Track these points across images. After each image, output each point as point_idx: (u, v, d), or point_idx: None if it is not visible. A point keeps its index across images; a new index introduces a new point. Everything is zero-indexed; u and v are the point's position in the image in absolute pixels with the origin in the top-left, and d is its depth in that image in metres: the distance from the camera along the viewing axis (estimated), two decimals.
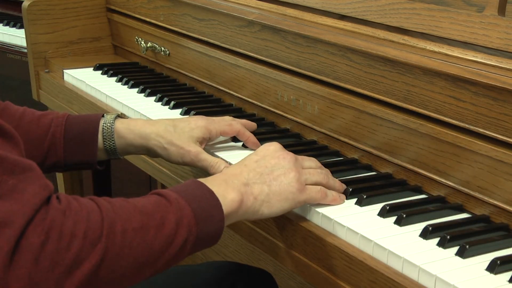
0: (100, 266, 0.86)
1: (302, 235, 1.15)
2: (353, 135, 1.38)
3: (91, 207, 0.89)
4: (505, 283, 0.97)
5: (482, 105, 1.13)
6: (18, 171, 0.85)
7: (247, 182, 1.09)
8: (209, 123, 1.35)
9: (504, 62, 1.12)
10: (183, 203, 0.97)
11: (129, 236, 0.89)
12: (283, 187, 1.11)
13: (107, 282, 0.88)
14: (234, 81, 1.68)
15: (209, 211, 1.00)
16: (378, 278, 1.02)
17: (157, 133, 1.31)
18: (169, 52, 1.91)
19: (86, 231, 0.86)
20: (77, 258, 0.84)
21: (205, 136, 1.34)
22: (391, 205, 1.16)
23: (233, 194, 1.05)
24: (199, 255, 2.21)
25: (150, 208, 0.94)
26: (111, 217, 0.89)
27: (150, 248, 0.92)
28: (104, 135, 1.32)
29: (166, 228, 0.93)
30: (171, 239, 0.94)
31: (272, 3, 1.60)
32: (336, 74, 1.40)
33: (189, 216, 0.96)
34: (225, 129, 1.37)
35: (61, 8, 2.11)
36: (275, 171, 1.12)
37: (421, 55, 1.23)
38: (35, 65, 2.11)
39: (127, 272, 0.90)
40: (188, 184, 1.03)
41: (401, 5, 1.31)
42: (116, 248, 0.88)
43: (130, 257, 0.89)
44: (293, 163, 1.14)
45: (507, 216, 1.12)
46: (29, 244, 0.81)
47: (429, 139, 1.22)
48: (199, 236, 0.98)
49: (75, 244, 0.84)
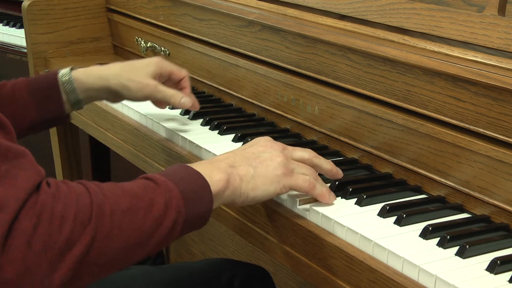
0: (91, 248, 0.87)
1: (302, 235, 1.15)
2: (353, 135, 1.38)
3: (80, 190, 0.89)
4: (505, 283, 0.97)
5: (482, 105, 1.13)
6: (11, 156, 0.85)
7: (233, 165, 1.10)
8: (160, 61, 1.47)
9: (504, 62, 1.12)
10: (171, 185, 0.98)
11: (118, 218, 0.90)
12: (269, 170, 1.11)
13: (98, 265, 0.88)
14: (234, 81, 1.68)
15: (197, 192, 1.01)
16: (378, 278, 1.02)
17: (115, 73, 1.42)
18: (169, 52, 1.91)
19: (76, 213, 0.86)
20: (69, 241, 0.85)
21: (157, 71, 1.45)
22: (391, 205, 1.16)
23: (220, 174, 1.06)
24: (198, 254, 2.21)
25: (138, 191, 0.95)
26: (100, 199, 0.89)
27: (140, 230, 0.92)
28: (65, 86, 1.40)
29: (155, 210, 0.94)
30: (160, 221, 0.94)
31: (272, 3, 1.60)
32: (336, 74, 1.40)
33: (178, 198, 0.97)
34: (174, 70, 1.49)
35: (61, 8, 2.11)
36: (261, 156, 1.13)
37: (421, 55, 1.23)
38: (35, 65, 2.11)
39: (118, 254, 0.90)
40: (175, 168, 1.04)
41: (401, 5, 1.31)
42: (106, 229, 0.88)
43: (120, 239, 0.90)
44: (280, 151, 1.14)
45: (507, 216, 1.12)
46: (22, 228, 0.82)
47: (429, 139, 1.22)
48: (188, 217, 0.98)
49: (66, 227, 0.85)
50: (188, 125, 1.56)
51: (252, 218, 1.27)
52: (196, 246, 2.23)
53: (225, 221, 1.35)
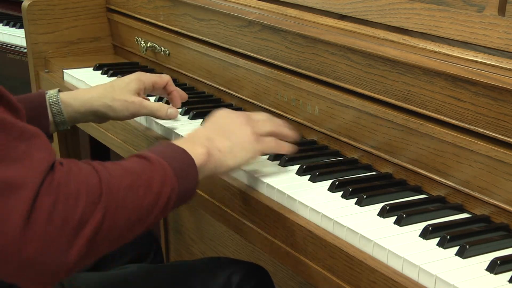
0: (102, 224, 0.92)
1: (302, 235, 1.15)
2: (353, 135, 1.38)
3: (89, 170, 0.95)
4: (505, 283, 0.97)
5: (482, 105, 1.13)
6: (27, 137, 0.90)
7: (209, 137, 1.17)
8: (140, 75, 1.49)
9: (504, 62, 1.12)
10: (164, 163, 1.03)
11: (122, 195, 0.95)
12: (242, 139, 1.20)
13: (109, 239, 0.94)
14: (234, 81, 1.68)
15: (185, 169, 1.07)
16: (378, 278, 1.02)
17: (98, 95, 1.44)
18: (169, 52, 1.91)
19: (88, 191, 0.91)
20: (83, 217, 0.90)
21: (140, 87, 1.48)
22: (391, 205, 1.16)
23: (200, 148, 1.13)
24: (198, 254, 2.21)
25: (137, 169, 1.00)
26: (107, 178, 0.95)
27: (141, 206, 0.98)
28: (52, 108, 1.43)
29: (153, 187, 1.00)
30: (158, 197, 1.00)
31: (272, 3, 1.60)
32: (336, 74, 1.40)
33: (171, 175, 1.03)
34: (156, 79, 1.51)
35: (61, 8, 2.11)
36: (230, 127, 1.21)
37: (421, 55, 1.23)
38: (35, 65, 2.11)
39: (124, 229, 0.96)
40: (162, 146, 1.10)
41: (401, 5, 1.31)
42: (114, 206, 0.94)
43: (125, 215, 0.95)
44: (245, 120, 1.24)
45: (507, 216, 1.12)
46: (42, 205, 0.87)
47: (429, 139, 1.22)
48: (180, 192, 1.05)
49: (80, 204, 0.90)
50: (188, 125, 1.56)
51: (252, 218, 1.27)
52: (196, 246, 2.23)
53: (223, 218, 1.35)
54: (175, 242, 2.34)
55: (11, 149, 0.88)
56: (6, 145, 0.88)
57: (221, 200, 1.35)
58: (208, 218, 2.12)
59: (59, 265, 0.88)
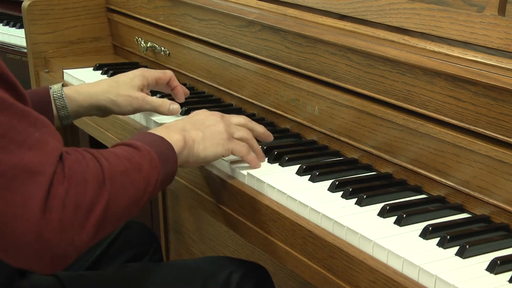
0: (108, 207, 0.98)
1: (302, 235, 1.15)
2: (353, 135, 1.38)
3: (89, 157, 1.00)
4: (505, 283, 0.97)
5: (482, 105, 1.13)
6: (40, 125, 0.95)
7: (184, 128, 1.24)
8: (144, 71, 1.53)
9: (504, 62, 1.12)
10: (148, 149, 1.10)
11: (120, 179, 1.02)
12: (215, 134, 1.27)
13: (112, 220, 1.00)
14: (234, 81, 1.68)
15: (167, 154, 1.15)
16: (378, 278, 1.02)
17: (103, 90, 1.47)
18: (169, 52, 1.91)
19: (93, 177, 0.97)
20: (92, 201, 0.96)
21: (143, 83, 1.51)
22: (391, 205, 1.16)
23: (177, 135, 1.20)
24: (198, 254, 2.21)
25: (127, 155, 1.06)
26: (105, 163, 1.01)
27: (137, 188, 1.05)
28: (56, 102, 1.45)
29: (144, 171, 1.07)
30: (148, 180, 1.07)
31: (272, 3, 1.60)
32: (336, 74, 1.40)
33: (155, 159, 1.10)
34: (159, 75, 1.55)
35: (61, 8, 2.11)
36: (205, 122, 1.28)
37: (421, 55, 1.23)
38: (35, 65, 2.10)
39: (124, 210, 1.02)
40: (141, 134, 1.17)
41: (401, 5, 1.31)
42: (115, 189, 1.00)
43: (125, 197, 1.02)
44: (220, 118, 1.31)
45: (507, 216, 1.12)
46: (57, 191, 0.92)
47: (429, 139, 1.22)
48: (163, 176, 1.12)
49: (89, 189, 0.96)
50: None
51: (252, 218, 1.27)
52: (196, 246, 2.23)
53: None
54: (175, 242, 2.35)
55: (28, 136, 0.92)
56: (24, 132, 0.92)
57: (221, 200, 1.35)
58: (208, 218, 2.12)
59: (74, 247, 0.93)
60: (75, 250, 0.94)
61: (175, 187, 1.49)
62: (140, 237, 1.62)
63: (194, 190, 1.42)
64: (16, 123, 0.92)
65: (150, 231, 1.67)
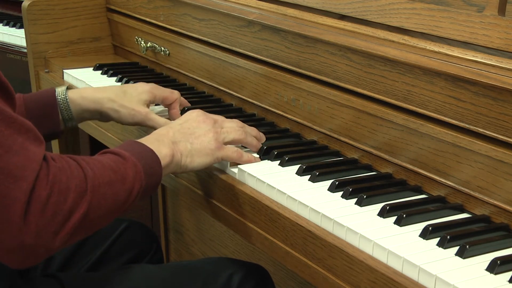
0: (86, 216, 1.02)
1: (302, 235, 1.15)
2: (353, 135, 1.38)
3: (74, 165, 1.03)
4: (505, 283, 0.97)
5: (482, 105, 1.13)
6: (23, 131, 0.98)
7: (174, 141, 1.26)
8: (153, 88, 1.53)
9: (504, 62, 1.12)
10: (135, 160, 1.13)
11: (103, 190, 1.05)
12: (203, 145, 1.29)
13: (87, 228, 1.04)
14: (234, 81, 1.68)
15: (153, 167, 1.17)
16: (378, 278, 1.02)
17: (109, 98, 1.48)
18: (169, 52, 1.91)
19: (76, 187, 1.01)
20: (71, 210, 1.00)
21: (151, 100, 1.52)
22: (391, 205, 1.16)
23: (166, 149, 1.23)
24: (198, 254, 2.22)
25: (113, 166, 1.09)
26: (90, 173, 1.04)
27: (117, 199, 1.08)
28: (60, 105, 1.46)
29: (127, 183, 1.10)
30: (130, 191, 1.11)
31: (272, 3, 1.60)
32: (336, 74, 1.40)
33: (141, 172, 1.13)
34: (167, 95, 1.56)
35: (61, 8, 2.11)
36: (196, 132, 1.30)
37: (421, 55, 1.23)
38: (35, 65, 2.10)
39: (102, 219, 1.06)
40: (131, 144, 1.19)
41: (401, 5, 1.31)
42: (96, 200, 1.03)
43: (104, 207, 1.05)
44: (211, 125, 1.32)
45: (507, 216, 1.12)
46: (38, 196, 0.96)
47: (429, 139, 1.22)
48: (146, 187, 1.15)
49: (70, 197, 0.99)
50: None
51: (251, 218, 1.27)
52: (196, 246, 2.23)
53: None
54: (175, 242, 2.35)
55: (13, 141, 0.96)
56: (10, 137, 0.95)
57: (221, 200, 1.35)
58: (208, 218, 2.12)
59: (46, 250, 0.98)
60: (46, 252, 0.99)
61: (175, 187, 1.49)
62: (140, 237, 1.62)
63: (194, 190, 1.42)
64: (3, 129, 0.95)
65: (150, 231, 1.67)
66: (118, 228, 1.57)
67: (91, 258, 1.51)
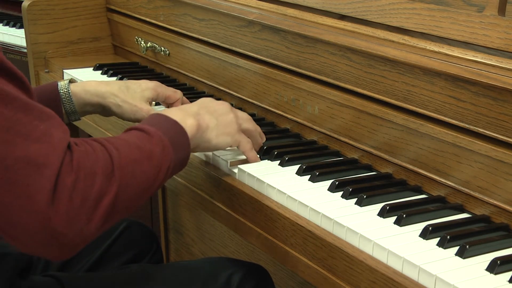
0: (116, 198, 0.99)
1: (302, 235, 1.15)
2: (353, 135, 1.38)
3: (99, 147, 1.01)
4: (505, 283, 0.97)
5: (482, 105, 1.13)
6: (45, 117, 0.95)
7: (198, 112, 1.24)
8: (157, 86, 1.52)
9: (504, 62, 1.12)
10: (161, 135, 1.10)
11: (130, 169, 1.02)
12: (227, 123, 1.28)
13: (120, 211, 1.01)
14: (234, 81, 1.68)
15: (179, 139, 1.15)
16: (378, 278, 1.02)
17: (112, 92, 1.46)
18: (169, 52, 1.91)
19: (102, 169, 0.98)
20: (100, 193, 0.97)
21: (153, 97, 1.51)
22: (391, 205, 1.16)
23: (191, 119, 1.20)
24: (198, 254, 2.22)
25: (139, 143, 1.07)
26: (116, 154, 1.01)
27: (147, 177, 1.05)
28: (63, 99, 1.45)
29: (155, 159, 1.07)
30: (159, 168, 1.07)
31: (272, 3, 1.60)
32: (336, 74, 1.40)
33: (168, 146, 1.10)
34: (170, 94, 1.54)
35: (61, 8, 2.11)
36: (218, 110, 1.28)
37: (421, 55, 1.23)
38: (35, 65, 2.11)
39: (134, 199, 1.03)
40: (156, 118, 1.16)
41: (401, 5, 1.31)
42: (125, 180, 1.01)
43: (134, 186, 1.02)
44: (230, 108, 1.31)
45: (507, 216, 1.12)
46: (64, 183, 0.93)
47: (429, 139, 1.22)
48: (176, 162, 1.12)
49: (97, 181, 0.96)
50: None
51: (252, 218, 1.27)
52: (196, 246, 2.23)
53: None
54: (175, 242, 2.35)
55: (33, 128, 0.93)
56: (29, 125, 0.93)
57: (221, 201, 1.35)
58: (208, 218, 2.12)
59: (81, 238, 0.95)
60: (82, 240, 0.96)
61: (175, 187, 1.49)
62: (140, 237, 1.62)
63: (194, 190, 1.42)
64: (22, 116, 0.92)
65: (150, 231, 1.67)
66: (118, 228, 1.57)
67: (91, 258, 1.51)
